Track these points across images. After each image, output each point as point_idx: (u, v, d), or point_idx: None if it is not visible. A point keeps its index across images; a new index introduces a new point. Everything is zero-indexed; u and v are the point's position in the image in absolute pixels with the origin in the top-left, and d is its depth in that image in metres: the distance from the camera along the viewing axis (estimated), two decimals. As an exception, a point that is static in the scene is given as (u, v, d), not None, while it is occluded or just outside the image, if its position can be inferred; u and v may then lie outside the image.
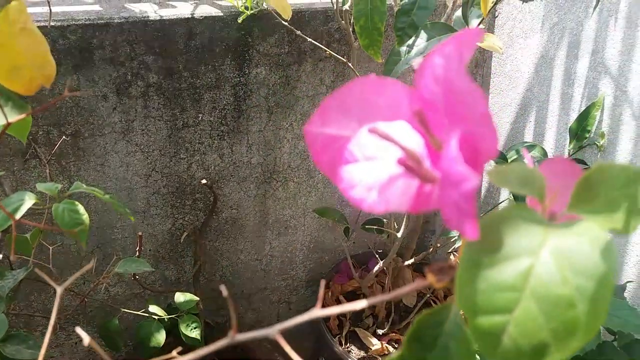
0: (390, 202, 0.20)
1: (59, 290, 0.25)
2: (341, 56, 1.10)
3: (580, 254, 0.20)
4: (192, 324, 1.07)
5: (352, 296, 1.39)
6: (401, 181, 0.20)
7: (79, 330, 0.22)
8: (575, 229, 0.21)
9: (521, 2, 0.70)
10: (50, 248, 0.89)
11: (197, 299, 1.09)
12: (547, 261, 0.21)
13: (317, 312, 0.25)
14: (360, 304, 0.25)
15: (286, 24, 0.99)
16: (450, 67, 0.19)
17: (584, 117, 1.02)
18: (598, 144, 1.03)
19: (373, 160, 0.22)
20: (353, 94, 0.22)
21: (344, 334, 1.31)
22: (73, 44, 0.92)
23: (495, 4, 0.73)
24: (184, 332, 1.06)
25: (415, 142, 0.21)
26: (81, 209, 0.52)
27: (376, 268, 1.28)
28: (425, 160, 0.21)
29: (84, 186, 0.56)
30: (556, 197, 0.25)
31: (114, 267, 0.74)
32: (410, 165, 0.19)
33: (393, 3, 1.03)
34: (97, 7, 0.96)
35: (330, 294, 1.37)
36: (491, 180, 0.23)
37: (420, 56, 0.71)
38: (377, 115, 0.22)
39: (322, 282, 0.24)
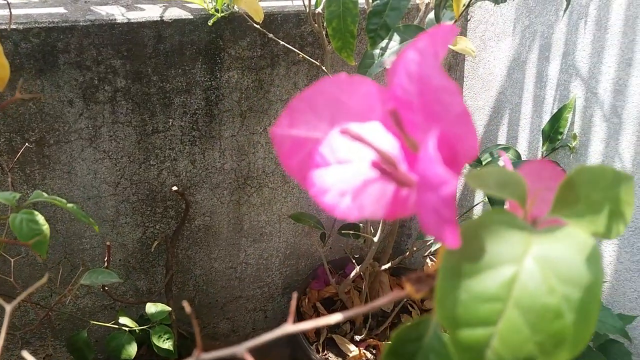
0: (365, 208, 0.19)
1: (8, 308, 0.23)
2: (315, 59, 1.08)
3: (566, 261, 0.19)
4: (164, 335, 1.04)
5: (329, 302, 1.37)
6: (376, 186, 0.19)
7: (25, 354, 0.20)
8: (559, 235, 0.20)
9: (493, 4, 0.70)
10: (12, 260, 0.85)
11: (169, 309, 1.06)
12: (532, 269, 0.19)
13: (290, 327, 0.23)
14: (335, 318, 0.24)
15: (258, 27, 0.98)
16: (424, 63, 0.18)
17: (556, 119, 1.03)
18: (570, 145, 1.03)
19: (346, 163, 0.20)
20: (323, 94, 0.21)
21: (321, 341, 1.29)
22: (36, 47, 0.89)
23: (467, 6, 0.73)
24: (156, 343, 1.03)
25: (389, 143, 0.20)
26: (41, 219, 0.49)
27: (353, 273, 1.27)
28: (401, 162, 0.20)
29: (45, 195, 0.53)
30: (537, 201, 0.24)
31: (79, 279, 0.71)
32: (384, 168, 0.18)
33: (366, 6, 1.02)
34: (61, 10, 0.93)
35: (307, 300, 1.35)
36: (469, 183, 0.22)
37: (393, 56, 0.71)
38: (349, 116, 0.21)
39: (294, 295, 0.23)
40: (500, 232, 0.20)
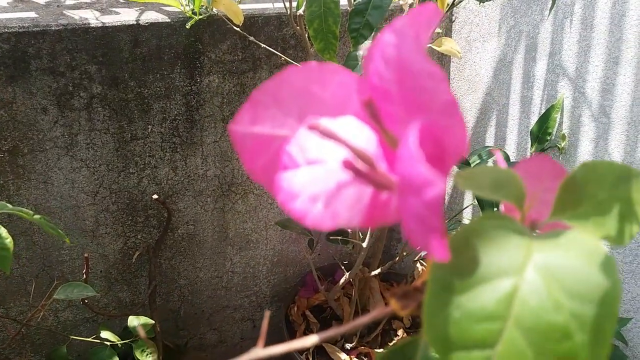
0: (339, 216, 0.16)
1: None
2: (298, 62, 1.06)
3: (574, 271, 0.17)
4: (147, 348, 1.01)
5: (318, 310, 1.34)
6: (351, 189, 0.16)
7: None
8: (564, 240, 0.18)
9: (479, 2, 0.68)
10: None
11: (152, 322, 1.03)
12: (534, 281, 0.17)
13: (260, 352, 0.21)
14: (310, 340, 0.21)
15: (238, 29, 0.95)
16: (403, 45, 0.16)
17: (545, 119, 1.01)
18: (559, 146, 1.02)
19: (317, 164, 0.18)
20: (290, 85, 0.18)
21: (311, 349, 1.26)
22: (6, 53, 0.85)
23: (451, 7, 0.70)
24: (138, 357, 0.99)
25: (367, 140, 0.17)
26: (4, 232, 0.46)
27: (342, 280, 1.24)
28: (380, 161, 0.17)
29: (9, 206, 0.50)
30: (536, 203, 0.22)
31: (53, 293, 0.68)
32: (359, 169, 0.15)
33: (348, 8, 1.00)
34: (32, 14, 0.89)
35: (296, 308, 1.32)
36: (458, 185, 0.19)
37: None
38: (320, 110, 0.18)
39: (267, 314, 0.20)
40: (496, 239, 0.18)
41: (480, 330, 0.17)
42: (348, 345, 1.26)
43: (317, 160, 0.18)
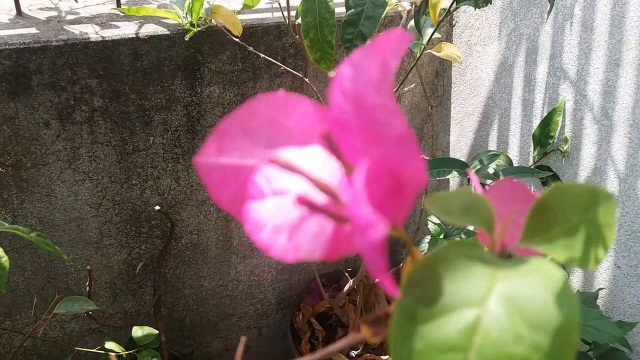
0: (301, 248, 0.16)
1: None
2: (298, 71, 1.06)
3: (534, 301, 0.17)
4: (152, 359, 1.01)
5: (324, 317, 1.34)
6: (314, 221, 0.16)
7: None
8: (527, 269, 0.18)
9: (474, 9, 0.68)
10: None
11: (156, 332, 1.03)
12: (496, 312, 0.17)
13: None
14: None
15: (237, 40, 0.96)
16: (359, 79, 0.16)
17: (547, 123, 1.01)
18: (562, 149, 1.01)
19: (282, 195, 0.18)
20: (257, 115, 0.18)
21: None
22: (8, 69, 0.86)
23: (448, 13, 0.70)
24: (143, 368, 0.99)
25: (331, 170, 0.17)
26: (0, 251, 0.47)
27: (347, 287, 1.24)
28: (346, 192, 0.17)
29: (5, 224, 0.51)
30: (510, 227, 0.22)
31: (54, 307, 0.68)
32: (313, 203, 0.15)
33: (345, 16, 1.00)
34: (33, 30, 0.90)
35: (301, 316, 1.32)
36: (428, 211, 0.19)
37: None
38: (287, 139, 0.18)
39: (242, 340, 0.20)
40: (461, 268, 0.18)
41: (444, 361, 0.17)
42: (353, 353, 1.26)
43: (282, 191, 0.18)
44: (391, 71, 0.19)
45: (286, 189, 0.18)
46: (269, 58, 1.00)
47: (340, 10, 1.00)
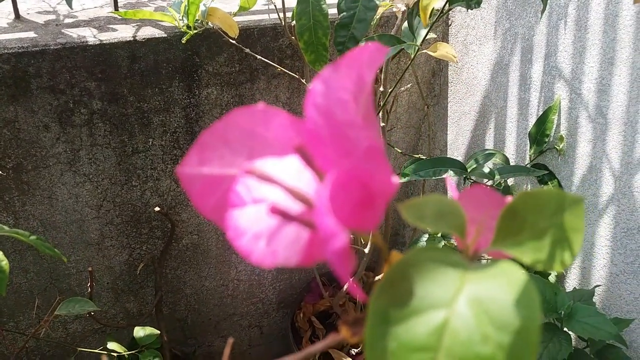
0: (278, 254, 0.17)
1: None
2: (295, 72, 1.07)
3: (499, 302, 0.17)
4: (153, 359, 1.02)
5: (324, 316, 1.35)
6: (290, 228, 0.17)
7: None
8: (494, 271, 0.18)
9: (466, 9, 0.69)
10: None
11: (158, 332, 1.04)
12: (464, 314, 0.18)
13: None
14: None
15: (234, 42, 0.96)
16: (329, 95, 0.17)
17: (542, 121, 1.01)
18: (558, 147, 1.02)
19: (261, 203, 0.18)
20: (237, 126, 0.19)
21: (317, 355, 1.26)
22: (7, 73, 0.87)
23: (441, 14, 0.71)
24: (145, 368, 1.01)
25: (308, 180, 0.18)
26: (0, 254, 0.48)
27: (346, 286, 1.25)
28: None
29: (5, 228, 0.52)
30: (483, 230, 0.22)
31: (57, 308, 0.69)
32: (286, 212, 0.16)
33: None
34: (31, 34, 0.91)
35: (302, 315, 1.33)
36: (403, 217, 0.20)
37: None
38: (266, 150, 0.19)
39: (229, 341, 0.21)
40: (431, 271, 0.19)
41: (414, 360, 0.18)
42: (354, 351, 1.27)
43: (261, 199, 0.19)
44: (367, 84, 0.20)
45: (265, 197, 0.19)
46: (265, 60, 1.01)
47: (334, 11, 1.01)
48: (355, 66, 0.19)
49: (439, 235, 1.05)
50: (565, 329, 0.84)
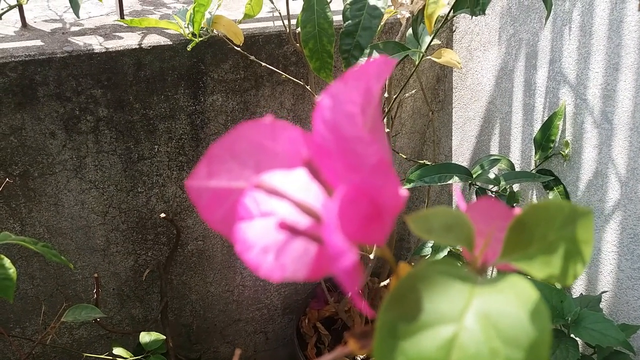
0: (286, 268, 0.17)
1: None
2: (299, 78, 1.07)
3: (508, 317, 0.17)
4: (159, 365, 1.02)
5: (329, 322, 1.35)
6: (298, 242, 0.17)
7: None
8: (502, 286, 0.18)
9: (471, 16, 0.69)
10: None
11: (163, 337, 1.04)
12: (473, 328, 0.18)
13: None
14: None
15: (239, 49, 0.97)
16: (337, 110, 0.17)
17: (547, 127, 1.01)
18: (563, 153, 1.01)
19: (269, 216, 0.19)
20: (245, 140, 0.19)
21: (321, 362, 1.26)
22: (14, 81, 0.88)
23: (445, 21, 0.71)
24: (150, 374, 1.01)
25: (316, 193, 0.18)
26: (7, 262, 0.48)
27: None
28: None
29: (12, 236, 0.52)
30: (491, 242, 0.22)
31: (62, 316, 0.70)
32: (294, 227, 0.16)
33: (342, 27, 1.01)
34: (38, 42, 0.92)
35: (307, 321, 1.33)
36: (411, 229, 0.20)
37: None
38: (274, 163, 0.19)
39: (237, 353, 0.21)
40: (440, 285, 0.19)
41: (424, 375, 0.18)
42: (359, 357, 1.26)
43: (269, 213, 0.19)
44: (375, 96, 0.20)
45: (273, 210, 0.19)
46: (270, 67, 1.01)
47: (338, 18, 1.01)
48: (363, 79, 0.19)
49: (445, 241, 1.05)
50: (572, 335, 0.83)
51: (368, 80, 0.19)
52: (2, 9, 0.83)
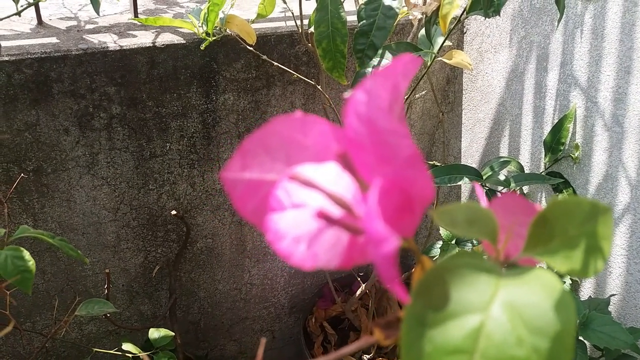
0: (319, 257, 0.18)
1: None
2: (311, 78, 1.08)
3: (534, 307, 0.18)
4: (168, 361, 1.03)
5: (336, 321, 1.35)
6: (330, 232, 0.18)
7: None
8: (528, 277, 0.19)
9: (484, 17, 0.69)
10: (8, 293, 0.84)
11: (172, 334, 1.05)
12: (499, 318, 0.18)
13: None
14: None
15: (251, 49, 0.98)
16: (371, 104, 0.17)
17: (557, 129, 1.01)
18: (573, 156, 1.02)
19: (301, 207, 0.19)
20: (276, 134, 0.20)
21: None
22: (30, 78, 0.89)
23: (458, 22, 0.72)
24: (159, 370, 1.01)
25: (346, 185, 0.19)
26: (26, 254, 0.49)
27: (359, 291, 1.25)
28: (359, 206, 0.19)
29: (31, 229, 0.53)
30: (513, 237, 0.23)
31: (75, 310, 0.70)
32: (331, 217, 0.17)
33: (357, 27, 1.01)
34: (54, 40, 0.93)
35: (313, 320, 1.33)
36: (435, 222, 0.21)
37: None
38: (305, 156, 0.20)
39: (262, 342, 0.21)
40: (466, 276, 0.19)
41: (450, 362, 0.18)
42: (366, 357, 1.27)
43: (301, 204, 0.19)
44: (401, 93, 0.21)
45: (305, 202, 0.19)
46: (282, 66, 1.02)
47: (351, 18, 1.02)
48: (392, 76, 0.20)
49: (453, 242, 1.05)
50: (580, 337, 0.83)
51: (396, 77, 0.20)
52: (22, 6, 0.85)
